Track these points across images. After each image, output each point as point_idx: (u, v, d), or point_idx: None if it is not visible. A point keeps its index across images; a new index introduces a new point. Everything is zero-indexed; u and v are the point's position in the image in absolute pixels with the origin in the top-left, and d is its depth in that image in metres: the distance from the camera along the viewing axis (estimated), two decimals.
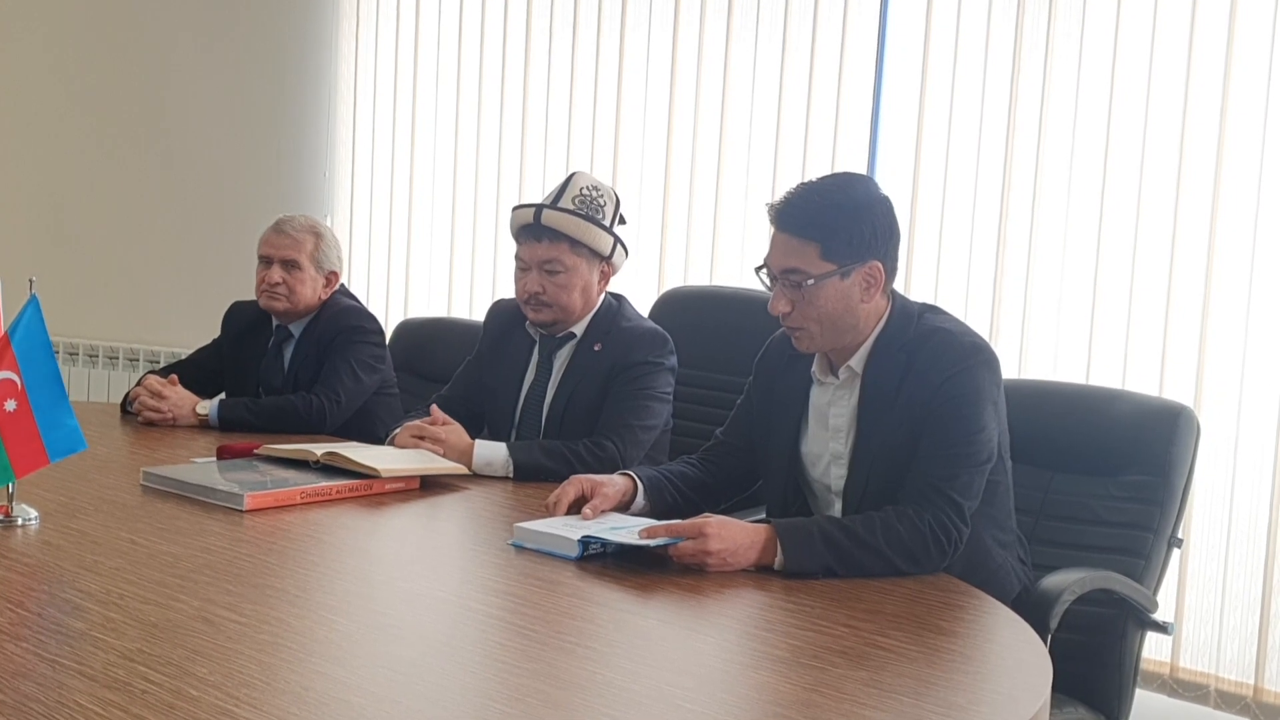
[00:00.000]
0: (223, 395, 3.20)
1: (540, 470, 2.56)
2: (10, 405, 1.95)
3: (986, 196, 3.39)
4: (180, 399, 3.02)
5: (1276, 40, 2.99)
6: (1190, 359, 3.11)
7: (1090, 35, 3.22)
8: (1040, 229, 3.31)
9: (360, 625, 1.61)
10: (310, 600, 1.72)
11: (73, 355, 5.16)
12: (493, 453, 2.59)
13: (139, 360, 5.03)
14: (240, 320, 3.34)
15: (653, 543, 1.92)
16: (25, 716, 1.25)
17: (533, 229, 2.72)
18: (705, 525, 1.91)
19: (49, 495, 2.15)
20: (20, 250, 5.25)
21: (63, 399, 2.02)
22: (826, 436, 2.20)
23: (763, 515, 2.20)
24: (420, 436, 2.58)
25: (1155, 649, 3.15)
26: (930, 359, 2.08)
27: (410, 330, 3.76)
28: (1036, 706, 1.44)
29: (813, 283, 2.08)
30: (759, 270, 2.16)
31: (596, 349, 2.76)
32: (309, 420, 3.01)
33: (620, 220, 2.81)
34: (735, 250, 3.81)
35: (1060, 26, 3.26)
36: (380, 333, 3.25)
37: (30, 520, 2.01)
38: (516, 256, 2.78)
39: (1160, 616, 2.27)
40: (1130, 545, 2.29)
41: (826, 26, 3.63)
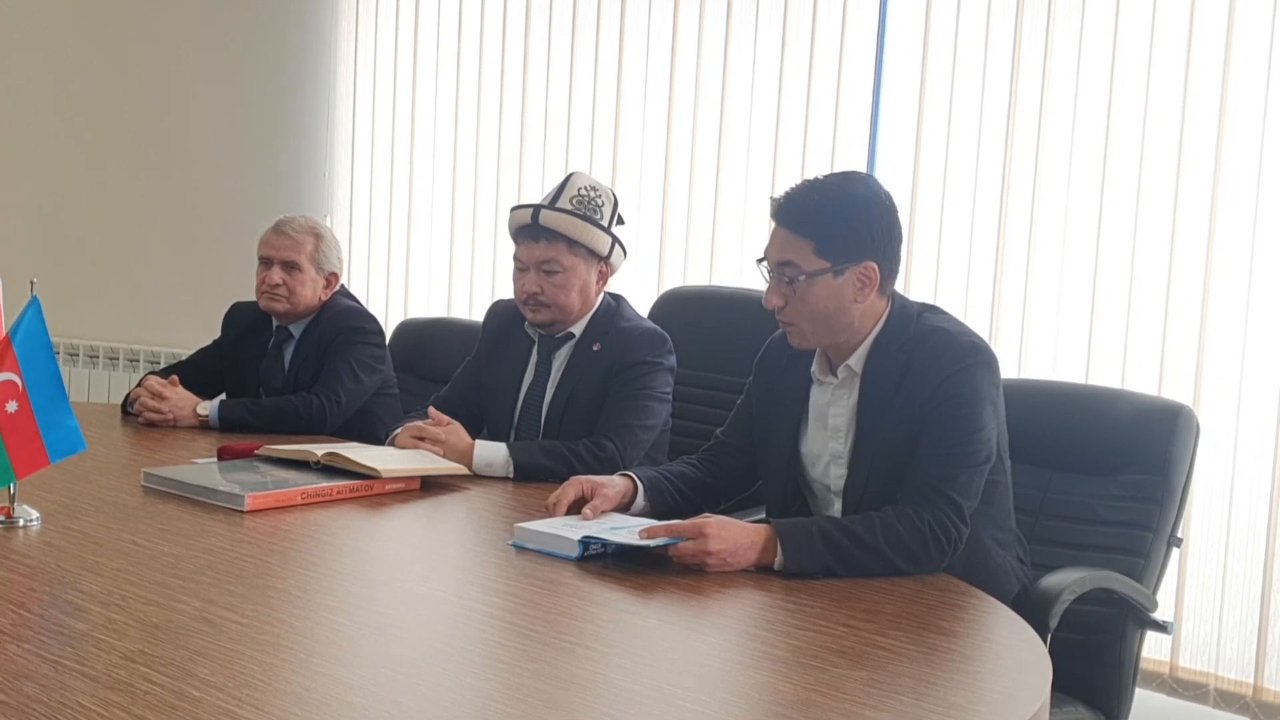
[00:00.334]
0: (223, 396, 3.20)
1: (540, 470, 2.56)
2: (11, 406, 1.96)
3: (986, 195, 3.39)
4: (181, 400, 3.02)
5: (1275, 39, 2.99)
6: (1190, 358, 3.11)
7: (1090, 33, 3.22)
8: (1040, 228, 3.31)
9: (361, 626, 1.61)
10: (311, 601, 1.73)
11: (73, 356, 5.16)
12: (493, 453, 2.60)
13: (139, 361, 5.03)
14: (240, 321, 3.34)
15: (653, 543, 1.92)
16: (28, 718, 1.25)
17: (530, 229, 2.73)
18: (705, 525, 1.91)
19: (50, 496, 2.16)
20: (21, 251, 5.25)
21: (63, 400, 2.03)
22: (826, 436, 2.20)
23: (763, 515, 2.20)
24: (420, 437, 2.59)
25: (1155, 648, 3.15)
26: (929, 359, 2.08)
27: (410, 330, 3.77)
28: (1036, 706, 1.44)
29: (805, 279, 2.09)
30: (760, 261, 2.17)
31: (595, 349, 2.76)
32: (309, 421, 3.02)
33: (618, 220, 2.81)
34: (735, 250, 3.81)
35: (1060, 24, 3.26)
36: (380, 333, 3.25)
37: (31, 521, 2.01)
38: (515, 257, 2.78)
39: (1160, 616, 2.27)
40: (1130, 544, 2.30)
41: (826, 26, 3.63)
